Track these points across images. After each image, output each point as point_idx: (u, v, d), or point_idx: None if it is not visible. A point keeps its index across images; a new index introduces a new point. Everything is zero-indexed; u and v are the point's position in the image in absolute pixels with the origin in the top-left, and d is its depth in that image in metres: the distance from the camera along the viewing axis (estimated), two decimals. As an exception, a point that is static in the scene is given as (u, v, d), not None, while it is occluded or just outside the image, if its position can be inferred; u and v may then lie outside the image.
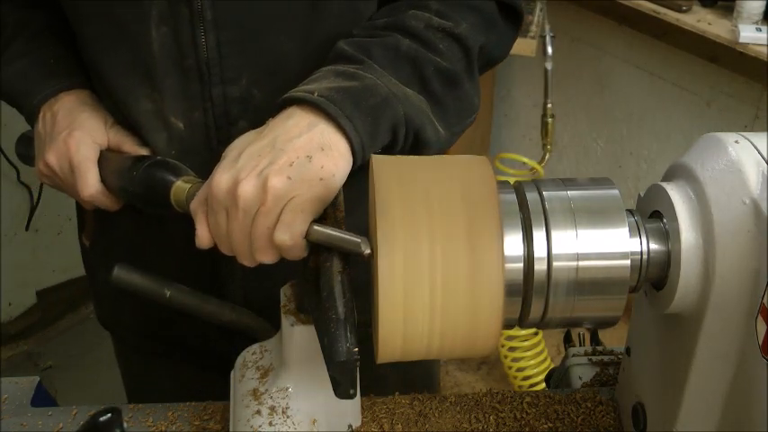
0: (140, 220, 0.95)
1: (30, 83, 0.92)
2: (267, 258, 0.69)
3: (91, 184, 0.86)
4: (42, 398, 0.90)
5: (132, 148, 0.88)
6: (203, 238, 0.71)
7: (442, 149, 0.82)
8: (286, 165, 0.67)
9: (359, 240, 0.64)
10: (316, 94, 0.71)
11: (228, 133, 0.85)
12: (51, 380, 2.20)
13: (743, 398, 0.63)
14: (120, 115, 0.89)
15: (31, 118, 0.93)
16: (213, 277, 0.94)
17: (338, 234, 0.65)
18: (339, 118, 0.70)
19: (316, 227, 0.66)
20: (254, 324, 0.85)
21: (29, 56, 0.93)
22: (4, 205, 2.32)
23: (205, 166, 0.81)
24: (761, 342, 0.59)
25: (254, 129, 0.75)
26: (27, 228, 2.41)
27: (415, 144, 0.78)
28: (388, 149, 0.76)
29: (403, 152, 0.77)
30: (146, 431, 0.85)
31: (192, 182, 0.78)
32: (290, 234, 0.66)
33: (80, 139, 0.86)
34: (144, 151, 0.87)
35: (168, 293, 0.81)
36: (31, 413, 0.86)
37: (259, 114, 0.80)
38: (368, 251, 0.63)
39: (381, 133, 0.73)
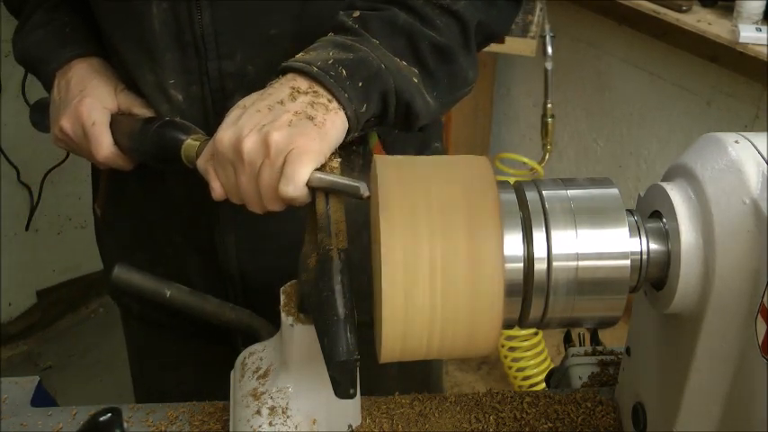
0: (147, 189, 1.00)
1: (46, 51, 0.96)
2: (275, 207, 0.75)
3: (105, 146, 0.91)
4: (42, 398, 0.90)
5: (141, 110, 0.92)
6: (217, 190, 0.77)
7: (433, 119, 0.87)
8: (285, 123, 0.72)
9: (357, 185, 0.69)
10: (315, 68, 0.76)
11: (224, 107, 0.86)
12: (51, 380, 2.20)
13: (743, 398, 0.63)
14: (131, 84, 0.94)
15: (48, 85, 0.97)
16: (209, 240, 0.98)
17: (338, 180, 0.71)
18: (335, 90, 0.75)
19: (317, 174, 0.71)
20: (254, 324, 0.85)
21: (47, 26, 0.97)
22: (4, 205, 2.32)
23: (203, 137, 0.86)
24: (761, 342, 0.59)
25: None
26: (27, 228, 2.41)
27: (406, 115, 0.82)
28: (380, 118, 0.81)
29: (395, 121, 0.82)
30: (146, 431, 0.85)
31: (200, 139, 0.83)
32: (294, 185, 0.71)
33: (91, 105, 0.91)
34: (152, 113, 0.91)
35: (168, 293, 0.81)
36: (31, 413, 0.86)
37: (254, 89, 0.83)
38: (367, 194, 0.69)
39: (372, 103, 0.78)
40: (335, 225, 0.69)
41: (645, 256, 0.65)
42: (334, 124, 0.74)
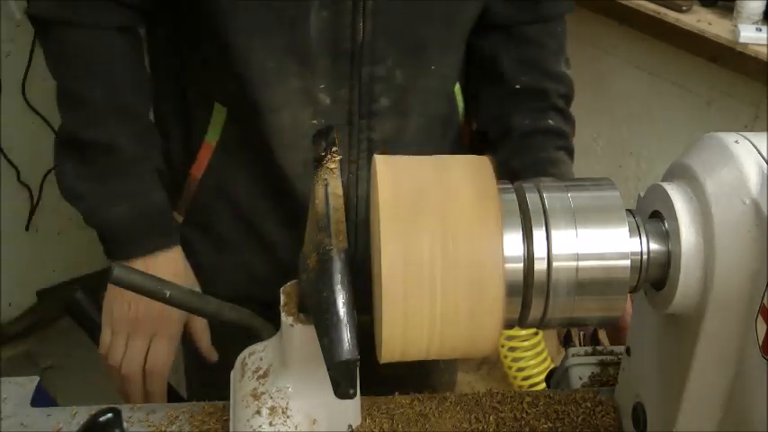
0: (252, 175, 1.00)
1: (129, 233, 0.93)
2: None
3: (159, 395, 0.94)
4: (42, 398, 0.90)
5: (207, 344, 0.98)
6: None
7: None
8: None
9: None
10: None
11: (369, 109, 0.94)
12: (51, 380, 2.20)
13: (743, 398, 0.63)
14: (252, 100, 0.92)
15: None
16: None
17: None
18: None
19: None
20: (255, 324, 0.85)
21: (131, 198, 0.93)
22: (4, 205, 2.32)
23: (345, 141, 0.94)
24: (761, 342, 0.59)
25: (392, 105, 0.94)
26: (27, 228, 2.41)
27: None
28: None
29: None
30: (146, 431, 0.85)
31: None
32: None
33: (165, 356, 0.95)
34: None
35: (168, 293, 0.81)
36: (31, 413, 0.86)
37: (399, 92, 0.93)
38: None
39: None
40: (335, 225, 0.69)
41: (645, 257, 0.65)
42: None
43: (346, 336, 0.60)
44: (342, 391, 0.62)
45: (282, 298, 0.74)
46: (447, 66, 0.99)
